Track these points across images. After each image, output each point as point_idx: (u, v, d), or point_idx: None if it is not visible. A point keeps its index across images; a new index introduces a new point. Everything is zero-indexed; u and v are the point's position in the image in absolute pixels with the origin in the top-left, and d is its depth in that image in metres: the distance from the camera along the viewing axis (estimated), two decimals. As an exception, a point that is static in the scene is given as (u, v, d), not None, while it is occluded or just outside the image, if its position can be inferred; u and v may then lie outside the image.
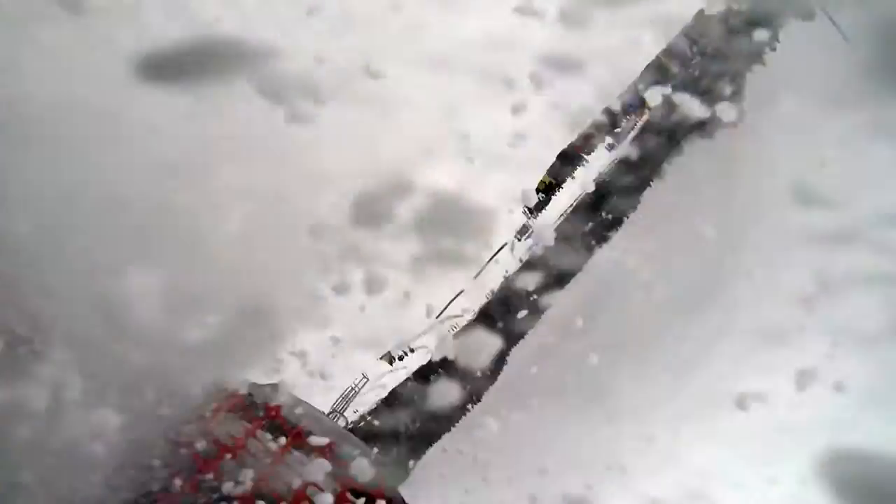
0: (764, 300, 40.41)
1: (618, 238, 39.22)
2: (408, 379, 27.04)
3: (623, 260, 40.03)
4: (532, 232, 23.81)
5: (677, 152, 36.07)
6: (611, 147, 19.16)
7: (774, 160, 37.35)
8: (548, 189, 19.52)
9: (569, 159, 17.27)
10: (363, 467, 1.89)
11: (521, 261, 28.09)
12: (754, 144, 34.91)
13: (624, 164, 32.78)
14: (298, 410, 2.22)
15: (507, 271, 28.20)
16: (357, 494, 1.83)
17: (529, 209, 20.26)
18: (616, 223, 38.58)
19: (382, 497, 1.80)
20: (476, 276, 21.49)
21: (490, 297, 29.30)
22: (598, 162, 22.55)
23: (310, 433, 1.92)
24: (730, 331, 40.65)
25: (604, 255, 40.22)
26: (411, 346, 23.53)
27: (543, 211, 22.09)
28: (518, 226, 22.13)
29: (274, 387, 2.46)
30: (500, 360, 37.29)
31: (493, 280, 26.15)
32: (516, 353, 40.01)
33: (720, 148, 34.21)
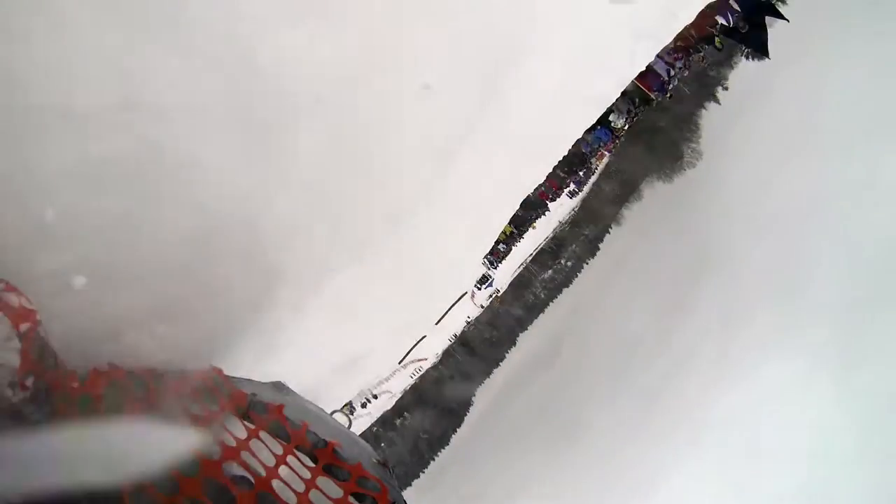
0: (721, 332, 41.83)
1: (578, 282, 40.32)
2: (373, 425, 26.44)
3: (584, 301, 41.06)
4: (493, 280, 24.03)
5: (636, 197, 37.55)
6: (573, 194, 19.59)
7: (728, 205, 39.36)
8: (509, 239, 19.85)
9: (532, 207, 17.49)
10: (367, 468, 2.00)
11: (481, 307, 28.51)
12: (710, 188, 36.77)
13: (584, 212, 33.92)
14: (301, 410, 2.28)
15: (468, 317, 28.57)
16: (360, 497, 1.92)
17: (490, 259, 20.45)
18: (576, 269, 39.68)
19: (386, 500, 1.89)
20: (437, 322, 21.43)
21: (453, 341, 29.43)
22: (560, 210, 23.22)
23: (313, 434, 2.01)
24: (692, 361, 41.79)
25: (565, 297, 41.20)
26: (374, 393, 23.15)
27: (504, 261, 22.40)
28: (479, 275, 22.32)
29: (276, 386, 2.53)
30: (465, 401, 36.94)
31: (454, 325, 26.32)
32: (486, 390, 39.82)
33: (677, 192, 35.95)
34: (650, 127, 24.74)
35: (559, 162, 13.16)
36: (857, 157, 36.48)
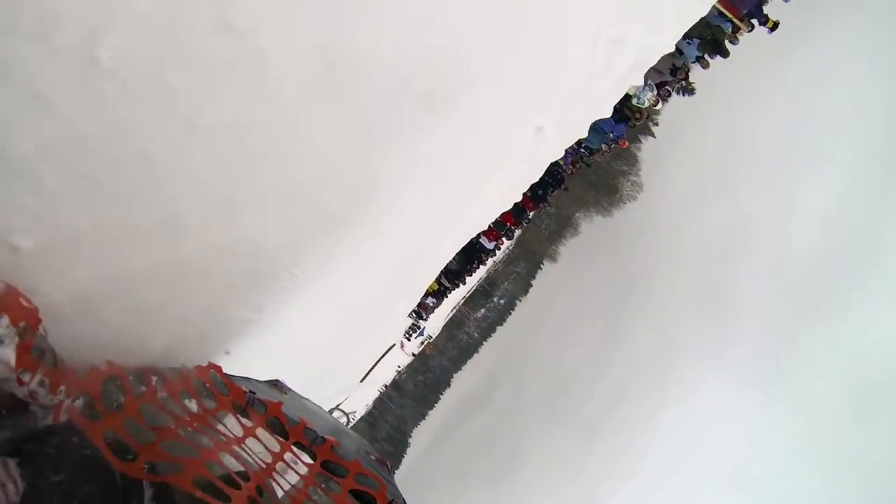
0: (657, 358, 43.27)
1: (512, 319, 40.71)
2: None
3: (519, 338, 41.35)
4: (423, 329, 23.62)
5: (572, 233, 38.67)
6: (510, 234, 19.59)
7: (657, 233, 41.55)
8: (439, 293, 19.51)
9: (476, 252, 16.20)
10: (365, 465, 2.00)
11: (413, 355, 28.16)
12: (646, 220, 38.74)
13: (518, 249, 34.43)
14: (299, 408, 2.23)
15: (399, 366, 28.08)
16: (358, 495, 1.90)
17: (418, 313, 20.01)
18: (509, 307, 40.15)
19: (384, 498, 1.87)
20: (362, 380, 20.66)
21: (382, 392, 28.57)
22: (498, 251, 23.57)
23: (311, 431, 1.96)
24: (630, 388, 42.65)
25: (500, 335, 41.36)
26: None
27: (433, 313, 22.08)
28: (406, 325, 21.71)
29: (274, 383, 2.49)
30: (401, 442, 35.58)
31: (384, 376, 25.77)
32: (423, 431, 38.47)
33: (614, 225, 37.61)
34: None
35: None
36: (778, 185, 40.08)
